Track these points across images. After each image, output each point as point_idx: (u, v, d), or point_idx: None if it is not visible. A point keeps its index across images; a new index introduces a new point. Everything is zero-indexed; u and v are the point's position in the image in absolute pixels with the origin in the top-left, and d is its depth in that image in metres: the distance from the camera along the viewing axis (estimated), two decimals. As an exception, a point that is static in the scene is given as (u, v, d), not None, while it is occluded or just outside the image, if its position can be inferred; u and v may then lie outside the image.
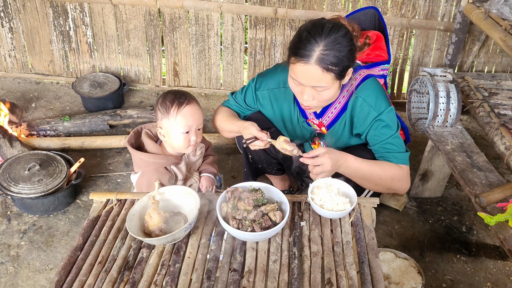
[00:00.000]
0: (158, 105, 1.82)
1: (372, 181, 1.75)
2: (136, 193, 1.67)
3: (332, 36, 1.55)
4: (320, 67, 1.56)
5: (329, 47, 1.55)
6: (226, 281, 1.31)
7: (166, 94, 1.82)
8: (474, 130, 3.10)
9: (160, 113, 1.81)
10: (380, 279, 1.32)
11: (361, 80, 1.78)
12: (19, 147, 2.55)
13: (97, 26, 3.25)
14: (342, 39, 1.57)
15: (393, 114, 1.76)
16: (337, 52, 1.55)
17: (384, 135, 1.75)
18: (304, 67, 1.58)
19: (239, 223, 1.41)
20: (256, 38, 3.19)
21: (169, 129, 1.81)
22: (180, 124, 1.78)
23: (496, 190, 1.80)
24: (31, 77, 3.49)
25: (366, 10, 2.18)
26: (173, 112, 1.77)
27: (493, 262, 2.16)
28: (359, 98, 1.76)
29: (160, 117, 1.81)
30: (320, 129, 1.97)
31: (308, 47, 1.55)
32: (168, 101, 1.79)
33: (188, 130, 1.80)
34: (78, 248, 1.45)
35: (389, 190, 1.81)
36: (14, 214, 2.34)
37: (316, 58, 1.55)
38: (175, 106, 1.77)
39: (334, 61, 1.56)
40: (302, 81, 1.62)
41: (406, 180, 1.77)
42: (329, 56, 1.55)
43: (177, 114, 1.77)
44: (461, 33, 2.85)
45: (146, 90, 3.46)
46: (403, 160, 1.76)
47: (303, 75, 1.60)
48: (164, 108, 1.79)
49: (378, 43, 2.04)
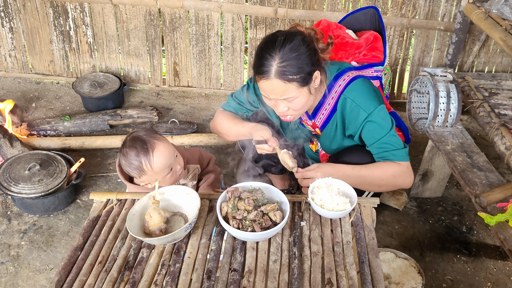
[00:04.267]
0: (127, 168, 1.72)
1: (375, 184, 1.76)
2: (136, 193, 1.67)
3: (285, 47, 1.58)
4: (281, 80, 1.59)
5: (285, 59, 1.58)
6: (226, 281, 1.31)
7: (127, 155, 1.70)
8: (475, 130, 3.10)
9: (135, 173, 1.73)
10: (380, 279, 1.32)
11: (349, 81, 1.78)
12: (19, 147, 2.55)
13: (97, 26, 3.25)
14: (298, 46, 1.59)
15: (384, 112, 1.74)
16: (294, 61, 1.58)
17: (378, 135, 1.74)
18: (266, 82, 1.62)
19: (239, 223, 1.42)
20: (257, 38, 3.19)
21: (152, 179, 1.74)
22: (160, 170, 1.72)
23: (496, 190, 1.80)
24: (31, 77, 3.49)
25: (366, 10, 2.18)
26: (146, 167, 1.70)
27: (493, 262, 2.16)
28: (348, 99, 1.76)
29: (137, 176, 1.74)
30: (315, 130, 1.97)
31: (265, 63, 1.60)
32: (135, 161, 1.69)
33: (170, 168, 1.76)
34: (78, 248, 1.45)
35: (394, 188, 1.82)
36: (14, 214, 2.34)
37: (275, 72, 1.59)
38: (144, 160, 1.69)
39: (293, 71, 1.59)
40: (270, 95, 1.67)
41: (407, 174, 1.76)
42: (287, 67, 1.58)
43: (152, 165, 1.70)
44: (461, 33, 2.85)
45: (146, 90, 3.46)
46: (401, 157, 1.75)
47: (268, 90, 1.65)
48: (136, 170, 1.71)
49: (375, 43, 2.04)
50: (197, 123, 3.08)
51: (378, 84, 2.03)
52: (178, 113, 3.22)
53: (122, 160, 1.74)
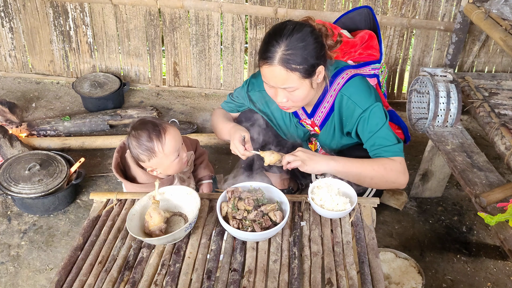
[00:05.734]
0: (137, 150, 1.74)
1: (367, 176, 1.71)
2: (136, 193, 1.67)
3: (294, 35, 1.58)
4: (283, 68, 1.59)
5: (291, 47, 1.57)
6: (226, 281, 1.31)
7: (138, 136, 1.73)
8: (475, 130, 3.10)
9: (144, 156, 1.74)
10: (380, 279, 1.32)
11: (347, 80, 1.78)
12: (19, 147, 2.55)
13: (97, 26, 3.25)
14: (306, 37, 1.58)
15: (380, 110, 1.74)
16: (299, 51, 1.57)
17: (372, 129, 1.73)
18: (269, 68, 1.61)
19: (239, 223, 1.42)
20: (257, 38, 3.19)
21: (161, 164, 1.77)
22: (170, 154, 1.75)
23: (496, 190, 1.80)
24: (31, 77, 3.49)
25: (360, 10, 2.19)
26: (158, 149, 1.72)
27: (493, 262, 2.16)
28: (345, 97, 1.76)
29: (146, 159, 1.76)
30: (314, 129, 1.97)
31: (271, 49, 1.59)
32: (147, 141, 1.72)
33: (178, 153, 1.78)
34: (78, 248, 1.45)
35: (387, 183, 1.74)
36: (14, 214, 2.34)
37: (279, 59, 1.58)
38: (156, 142, 1.72)
39: (297, 60, 1.58)
40: (270, 83, 1.66)
41: (400, 170, 1.71)
42: (292, 56, 1.57)
43: (164, 147, 1.73)
44: (461, 33, 2.85)
45: (146, 90, 3.46)
46: (394, 152, 1.72)
47: (269, 76, 1.64)
48: (147, 151, 1.73)
49: (371, 42, 2.04)
50: (197, 123, 3.08)
51: (376, 82, 2.04)
52: (178, 113, 3.22)
53: (132, 142, 1.74)
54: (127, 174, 1.88)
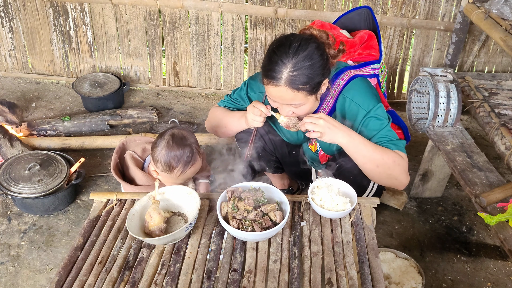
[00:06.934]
0: (161, 157, 1.75)
1: (374, 162, 1.69)
2: (136, 193, 1.67)
3: (299, 54, 1.55)
4: (290, 88, 1.58)
5: (298, 67, 1.55)
6: (226, 281, 1.31)
7: (172, 150, 1.74)
8: (475, 130, 3.10)
9: (160, 166, 1.77)
10: (380, 279, 1.32)
11: (347, 81, 1.78)
12: (19, 147, 2.55)
13: (97, 26, 3.25)
14: (312, 55, 1.57)
15: (382, 110, 1.74)
16: (306, 71, 1.56)
17: (377, 128, 1.72)
18: (275, 88, 1.60)
19: (239, 223, 1.42)
20: (257, 38, 3.19)
21: (166, 179, 1.83)
22: (180, 180, 1.81)
23: (496, 190, 1.80)
24: (31, 77, 3.49)
25: (359, 10, 2.18)
26: (176, 172, 1.77)
27: (493, 262, 2.16)
28: (347, 99, 1.76)
29: (160, 167, 1.77)
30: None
31: (277, 69, 1.57)
32: (173, 160, 1.74)
33: (186, 181, 1.85)
34: (78, 248, 1.45)
35: (389, 178, 1.72)
36: (14, 214, 2.34)
37: (285, 80, 1.56)
38: (179, 168, 1.76)
39: (303, 80, 1.57)
40: (277, 101, 1.66)
41: (405, 169, 1.70)
42: (298, 76, 1.56)
43: (181, 174, 1.78)
44: (461, 33, 2.85)
45: (146, 90, 3.46)
46: (400, 147, 1.71)
47: (275, 96, 1.63)
48: (166, 165, 1.75)
49: (370, 42, 2.04)
50: (197, 123, 3.08)
51: (376, 82, 2.03)
52: (178, 113, 3.22)
53: (163, 147, 1.75)
54: (125, 174, 1.88)
